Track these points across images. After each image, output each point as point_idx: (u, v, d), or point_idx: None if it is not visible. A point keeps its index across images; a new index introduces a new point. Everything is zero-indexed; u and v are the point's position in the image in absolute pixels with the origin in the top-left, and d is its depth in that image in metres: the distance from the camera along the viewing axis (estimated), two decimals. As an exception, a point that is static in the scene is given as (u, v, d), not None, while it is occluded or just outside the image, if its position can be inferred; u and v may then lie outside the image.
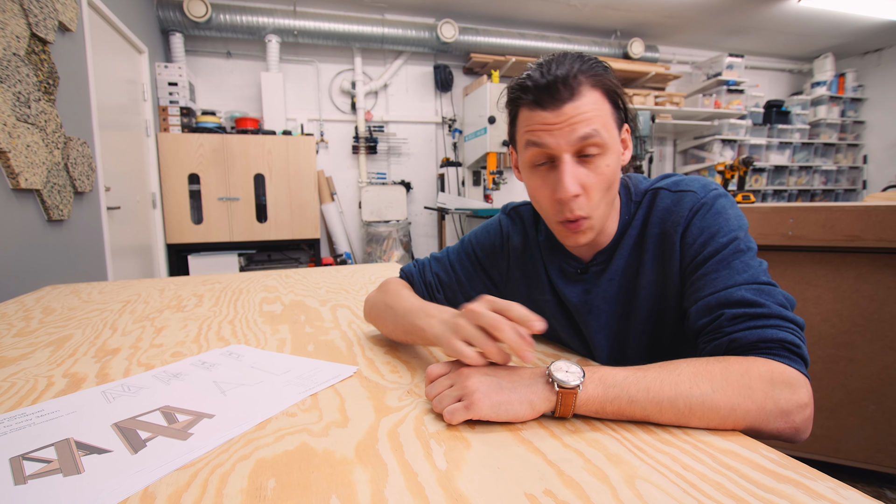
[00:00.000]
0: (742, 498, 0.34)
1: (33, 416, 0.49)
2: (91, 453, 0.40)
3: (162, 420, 0.46)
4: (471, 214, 3.75)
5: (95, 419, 0.48)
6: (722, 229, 0.57)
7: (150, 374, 0.63)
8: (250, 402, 0.50)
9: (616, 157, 0.60)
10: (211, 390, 0.54)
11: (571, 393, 0.45)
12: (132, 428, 0.44)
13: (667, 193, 0.63)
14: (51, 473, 0.37)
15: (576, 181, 0.58)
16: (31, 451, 0.41)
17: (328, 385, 0.57)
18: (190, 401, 0.51)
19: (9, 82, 1.55)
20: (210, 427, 0.44)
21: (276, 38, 3.77)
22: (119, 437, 0.42)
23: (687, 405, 0.44)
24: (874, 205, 1.29)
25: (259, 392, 0.54)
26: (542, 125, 0.58)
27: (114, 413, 0.49)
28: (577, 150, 0.58)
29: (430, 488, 0.36)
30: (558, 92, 0.56)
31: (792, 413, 0.45)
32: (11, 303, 1.21)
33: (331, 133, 4.21)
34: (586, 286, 0.69)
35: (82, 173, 2.04)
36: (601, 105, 0.58)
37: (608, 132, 0.58)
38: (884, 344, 1.35)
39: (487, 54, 4.22)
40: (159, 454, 0.39)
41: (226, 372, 0.61)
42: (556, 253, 0.73)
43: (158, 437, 0.42)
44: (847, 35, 5.00)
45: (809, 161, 5.52)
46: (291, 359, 0.67)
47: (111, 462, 0.38)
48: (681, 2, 4.08)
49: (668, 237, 0.61)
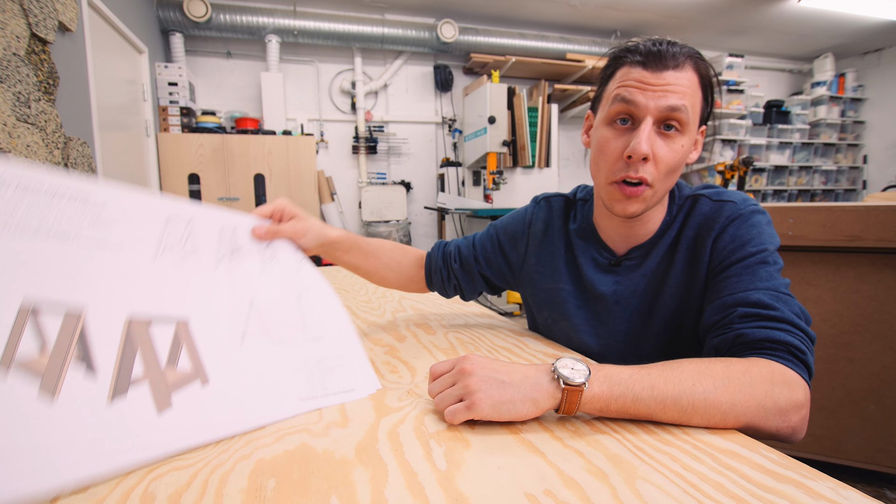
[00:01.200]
0: (742, 498, 0.34)
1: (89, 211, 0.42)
2: (80, 363, 0.36)
3: (166, 348, 0.42)
4: (471, 214, 3.75)
5: (124, 284, 0.42)
6: (754, 240, 0.59)
7: (220, 224, 0.54)
8: (249, 381, 0.45)
9: (689, 143, 0.61)
10: (238, 316, 0.48)
11: (577, 390, 0.45)
12: (135, 346, 0.40)
13: (707, 201, 0.65)
14: (31, 375, 0.33)
15: (650, 145, 0.58)
16: (45, 303, 0.36)
17: (335, 402, 0.51)
18: (212, 321, 0.46)
19: (9, 82, 1.55)
20: (192, 403, 0.40)
21: (276, 38, 3.77)
22: (117, 353, 0.38)
23: (690, 402, 0.45)
24: (874, 205, 1.29)
25: (269, 363, 0.48)
26: (638, 82, 0.58)
27: (144, 285, 0.43)
28: (660, 118, 0.58)
29: (430, 488, 0.36)
30: (664, 58, 0.57)
31: (789, 412, 0.46)
32: (11, 303, 1.21)
33: (331, 133, 4.21)
34: (617, 278, 0.70)
35: (82, 173, 2.04)
36: (696, 88, 0.59)
37: (693, 115, 0.59)
38: (884, 344, 1.35)
39: (487, 54, 4.22)
40: (126, 419, 0.36)
41: (272, 285, 0.55)
42: (590, 242, 0.73)
43: (143, 387, 0.38)
44: (847, 35, 5.00)
45: (809, 161, 5.52)
46: (334, 317, 0.59)
47: (84, 400, 0.35)
48: (681, 2, 4.08)
49: (700, 240, 0.63)
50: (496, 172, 3.79)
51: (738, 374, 0.46)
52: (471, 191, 4.23)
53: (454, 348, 0.73)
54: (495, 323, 0.90)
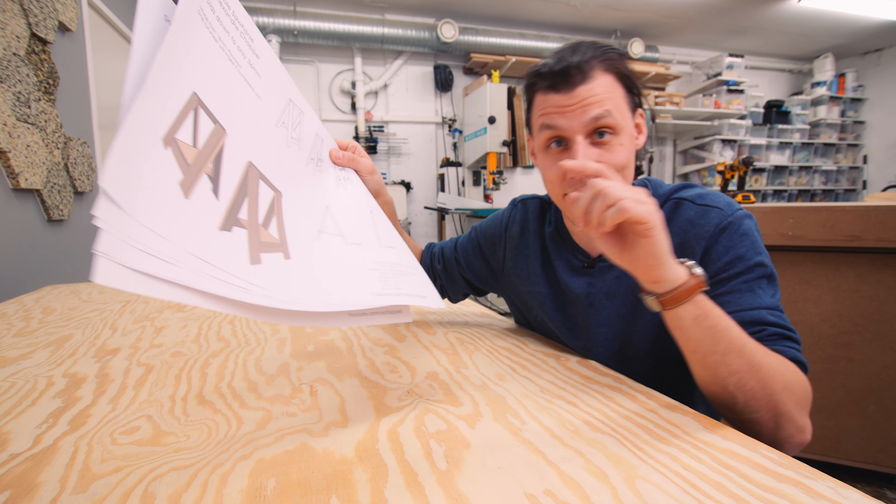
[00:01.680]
0: (742, 498, 0.34)
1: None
2: (209, 182, 0.35)
3: (264, 210, 0.41)
4: (471, 214, 3.75)
5: (255, 133, 0.42)
6: (749, 252, 0.59)
7: (317, 129, 0.57)
8: (326, 268, 0.44)
9: (629, 139, 0.62)
10: (315, 214, 0.48)
11: (699, 286, 0.47)
12: (246, 189, 0.39)
13: (690, 205, 0.64)
14: (177, 166, 0.32)
15: (588, 159, 0.58)
16: (205, 101, 0.36)
17: (408, 301, 0.49)
18: (296, 213, 0.45)
19: (9, 82, 1.55)
20: (276, 269, 0.39)
21: (276, 38, 3.77)
22: (233, 191, 0.37)
23: (759, 363, 0.47)
24: (874, 205, 1.29)
25: (344, 258, 0.47)
26: (555, 108, 0.60)
27: (262, 134, 0.44)
28: (589, 132, 0.59)
29: (430, 488, 0.36)
30: (571, 76, 0.58)
31: (804, 431, 0.50)
32: (11, 303, 1.21)
33: (331, 133, 4.20)
34: (591, 279, 0.70)
35: (82, 173, 2.04)
36: (613, 88, 0.60)
37: (620, 114, 0.60)
38: (884, 344, 1.35)
39: (487, 54, 4.22)
40: (226, 254, 0.33)
41: (347, 200, 0.56)
42: (564, 245, 0.74)
43: (243, 232, 0.37)
44: (847, 35, 5.00)
45: (809, 161, 5.52)
46: (396, 235, 0.60)
47: (204, 214, 0.33)
48: (681, 2, 4.08)
49: (688, 249, 0.62)
50: (496, 172, 3.79)
51: (792, 371, 0.51)
52: (471, 191, 4.24)
53: (454, 348, 0.73)
54: (495, 323, 0.90)
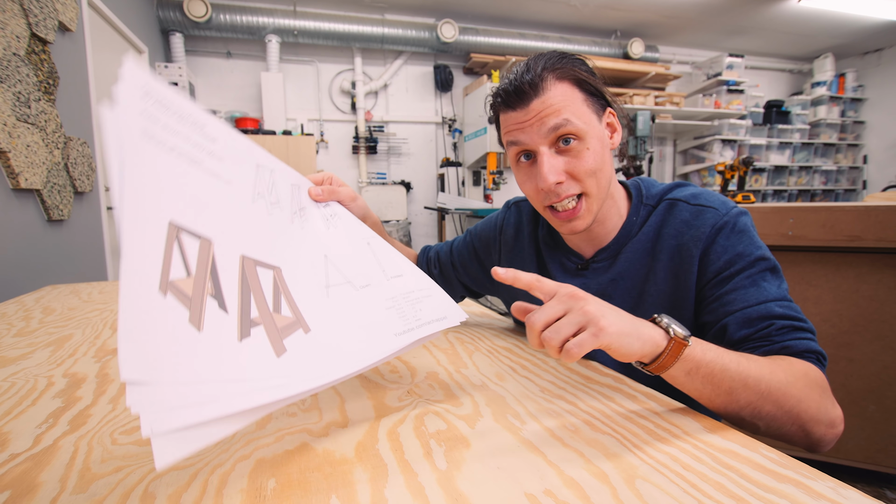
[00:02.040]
0: (742, 498, 0.34)
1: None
2: (213, 300, 0.34)
3: (270, 293, 0.39)
4: (471, 214, 3.75)
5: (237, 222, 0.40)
6: (748, 248, 0.59)
7: (293, 179, 0.53)
8: (345, 327, 0.43)
9: (598, 141, 0.61)
10: (318, 269, 0.47)
11: (682, 344, 0.45)
12: (249, 286, 0.37)
13: (685, 206, 0.64)
14: (182, 304, 0.31)
15: (555, 170, 0.60)
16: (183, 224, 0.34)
17: (431, 331, 0.48)
18: (299, 277, 0.44)
19: (9, 82, 1.55)
20: (303, 347, 0.38)
21: (276, 38, 3.77)
22: (238, 295, 0.36)
23: (767, 387, 0.46)
24: (874, 205, 1.29)
25: (359, 308, 0.46)
26: (515, 124, 0.62)
27: (248, 224, 0.41)
28: (552, 142, 0.60)
29: (430, 488, 0.36)
30: (524, 92, 0.60)
31: (835, 424, 0.49)
32: (11, 303, 1.21)
33: (331, 133, 4.21)
34: (584, 281, 0.70)
35: (82, 173, 2.04)
36: (570, 94, 0.60)
37: (582, 119, 0.60)
38: (884, 344, 1.35)
39: (487, 54, 4.22)
40: (252, 360, 0.33)
41: (340, 240, 0.54)
42: (557, 248, 0.74)
43: (260, 330, 0.36)
44: (847, 35, 5.00)
45: (809, 161, 5.52)
46: (407, 261, 0.58)
47: (222, 337, 0.33)
48: (681, 2, 4.08)
49: (685, 250, 0.62)
50: (496, 172, 3.80)
51: (802, 374, 0.49)
52: (471, 191, 4.24)
53: (454, 348, 0.73)
54: (495, 323, 0.90)
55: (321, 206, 0.60)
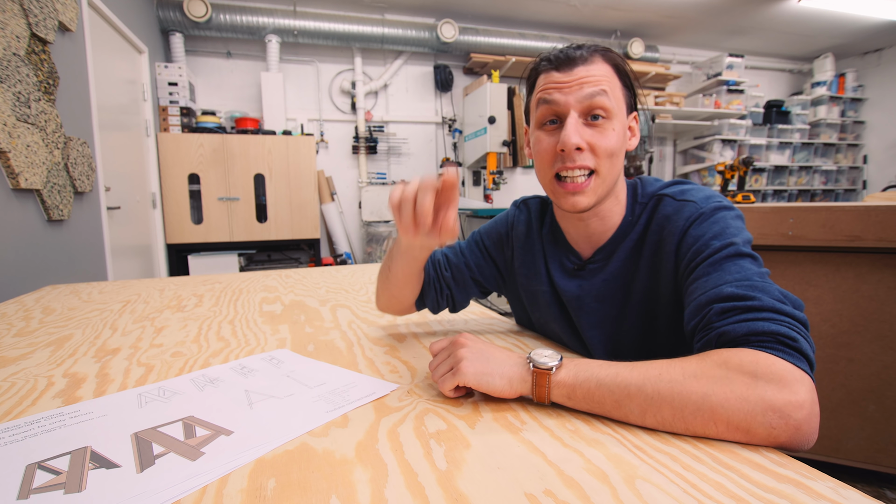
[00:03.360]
0: (742, 498, 0.34)
1: (67, 417, 0.50)
2: (100, 467, 0.40)
3: (180, 433, 0.46)
4: (471, 214, 3.75)
5: (121, 425, 0.48)
6: (718, 236, 0.56)
7: (190, 377, 0.63)
8: (273, 419, 0.49)
9: (623, 128, 0.63)
10: (240, 400, 0.54)
11: (545, 374, 0.48)
12: (149, 440, 0.45)
13: (670, 201, 0.64)
14: (54, 489, 0.37)
15: (579, 136, 0.60)
16: (49, 458, 0.42)
17: (360, 404, 0.52)
18: (215, 412, 0.51)
19: (9, 82, 1.55)
20: (223, 446, 0.43)
21: (276, 38, 3.77)
22: (133, 450, 0.43)
23: (655, 390, 0.42)
24: (874, 205, 1.29)
25: (286, 407, 0.52)
26: (554, 84, 0.62)
27: (140, 420, 0.49)
28: (583, 111, 0.61)
29: (430, 488, 0.36)
30: (573, 58, 0.62)
31: (785, 408, 0.40)
32: (11, 303, 1.21)
33: (331, 133, 4.21)
34: (581, 282, 0.71)
35: (82, 173, 2.04)
36: (611, 76, 0.62)
37: (615, 100, 0.61)
38: (884, 344, 1.35)
39: (487, 54, 4.22)
40: (164, 475, 0.38)
41: (260, 380, 0.61)
42: (558, 246, 0.74)
43: (170, 454, 0.42)
44: (847, 35, 5.00)
45: (809, 161, 5.52)
46: (330, 370, 0.64)
47: (115, 480, 0.38)
48: (681, 2, 4.08)
49: (664, 245, 0.62)
50: (496, 172, 3.79)
51: (713, 365, 0.43)
52: (471, 191, 4.24)
53: (454, 348, 0.73)
54: (495, 323, 0.90)
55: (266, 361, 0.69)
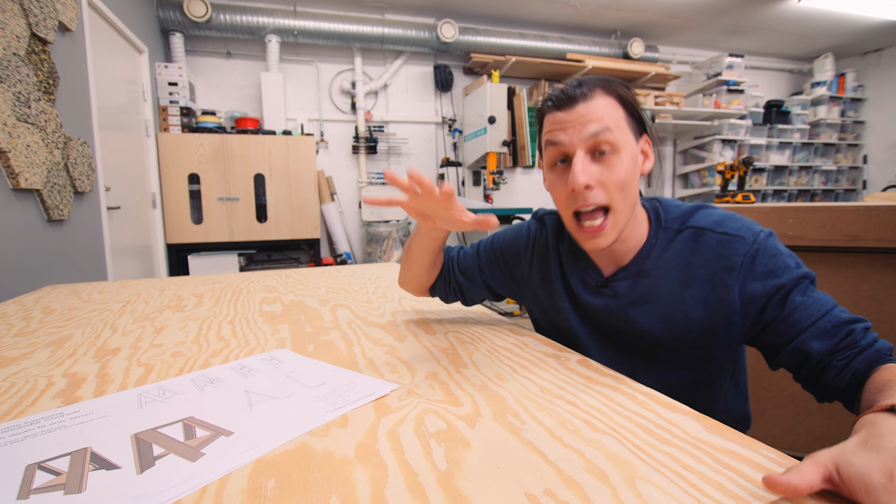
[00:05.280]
0: (742, 498, 0.34)
1: (67, 417, 0.50)
2: (100, 468, 0.40)
3: (180, 434, 0.46)
4: (471, 214, 3.74)
5: (121, 426, 0.48)
6: (788, 264, 0.61)
7: (189, 377, 0.63)
8: (273, 419, 0.49)
9: (632, 158, 0.64)
10: (240, 401, 0.54)
11: None
12: (149, 441, 0.45)
13: (711, 235, 0.66)
14: (54, 489, 0.37)
15: (587, 174, 0.62)
16: (49, 458, 0.42)
17: (360, 404, 0.53)
18: (215, 412, 0.51)
19: (9, 82, 1.55)
20: (223, 447, 0.43)
21: (276, 38, 3.77)
22: (133, 451, 0.43)
23: None
24: (874, 205, 1.29)
25: (286, 407, 0.52)
26: (557, 124, 0.64)
27: (140, 421, 0.49)
28: (589, 148, 0.62)
29: (430, 488, 0.36)
30: (572, 96, 0.63)
31: None
32: (11, 303, 1.21)
33: (331, 133, 4.21)
34: (606, 301, 0.71)
35: (82, 173, 2.04)
36: (613, 109, 0.63)
37: (620, 133, 0.62)
38: (884, 344, 1.35)
39: (487, 54, 4.22)
40: (164, 476, 0.38)
41: (260, 380, 0.61)
42: (578, 261, 0.75)
43: (170, 455, 0.42)
44: (847, 35, 5.00)
45: (809, 161, 5.52)
46: (330, 370, 0.64)
47: (115, 481, 0.38)
48: (681, 2, 4.08)
49: (717, 280, 0.64)
50: (496, 172, 3.79)
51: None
52: (471, 191, 4.23)
53: (454, 348, 0.73)
54: (495, 323, 0.90)
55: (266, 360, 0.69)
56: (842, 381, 0.57)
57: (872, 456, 0.32)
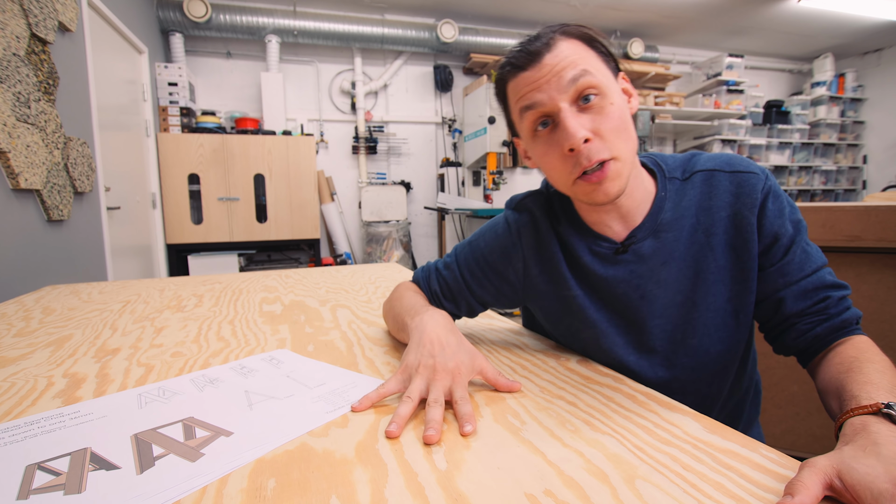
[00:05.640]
0: (742, 498, 0.34)
1: (67, 418, 0.50)
2: (100, 468, 0.40)
3: (180, 434, 0.46)
4: (471, 214, 3.75)
5: (121, 426, 0.48)
6: (793, 211, 0.61)
7: (189, 377, 0.63)
8: (273, 420, 0.49)
9: (618, 96, 0.57)
10: (239, 401, 0.54)
11: None
12: (149, 441, 0.45)
13: (723, 175, 0.62)
14: (54, 489, 0.37)
15: (581, 126, 0.54)
16: (49, 459, 0.42)
17: None
18: (215, 413, 0.51)
19: (9, 82, 1.55)
20: (223, 447, 0.43)
21: (276, 38, 3.77)
22: (133, 452, 0.43)
23: None
24: (874, 205, 1.29)
25: (286, 408, 0.52)
26: (528, 85, 0.56)
27: (140, 421, 0.49)
28: (572, 98, 0.55)
29: (430, 488, 0.36)
30: (534, 50, 0.56)
31: None
32: (11, 303, 1.21)
33: (331, 133, 4.21)
34: (630, 267, 0.63)
35: (82, 173, 2.04)
36: (582, 50, 0.56)
37: (600, 73, 0.56)
38: (884, 344, 1.35)
39: (487, 54, 4.22)
40: (164, 476, 0.38)
41: (260, 381, 0.60)
42: (583, 236, 0.65)
43: (170, 456, 0.42)
44: (847, 35, 5.00)
45: (809, 161, 5.52)
46: (330, 370, 0.64)
47: (115, 481, 0.38)
48: (681, 2, 4.08)
49: (742, 220, 0.60)
50: (496, 172, 3.79)
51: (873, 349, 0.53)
52: (471, 191, 4.24)
53: (454, 348, 0.72)
54: (495, 323, 0.90)
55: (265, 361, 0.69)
56: (801, 343, 0.59)
57: (874, 462, 0.33)
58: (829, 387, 0.52)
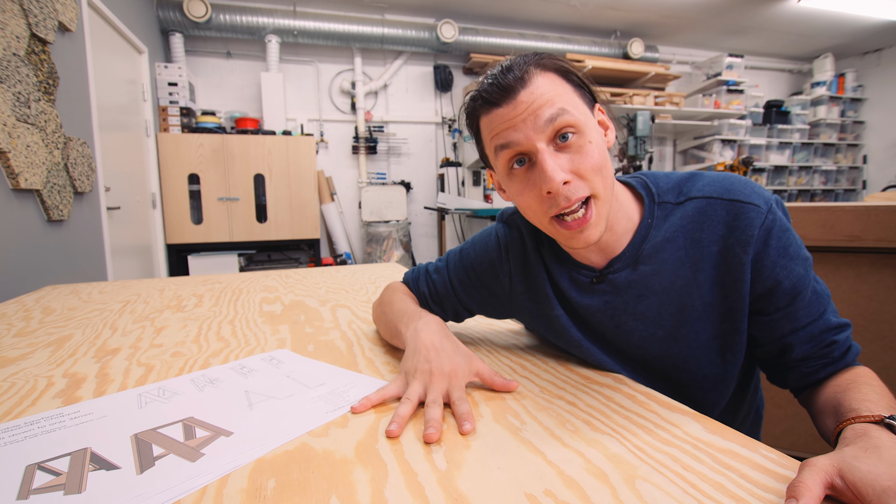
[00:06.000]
0: (742, 498, 0.34)
1: (67, 418, 0.50)
2: (100, 468, 0.40)
3: (180, 434, 0.46)
4: (471, 214, 3.75)
5: (121, 426, 0.48)
6: (799, 251, 0.56)
7: (189, 377, 0.63)
8: (273, 420, 0.49)
9: (596, 133, 0.54)
10: (239, 401, 0.54)
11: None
12: (149, 441, 0.45)
13: (718, 203, 0.56)
14: (54, 489, 0.37)
15: (560, 168, 0.51)
16: (49, 459, 0.42)
17: None
18: (215, 413, 0.51)
19: (9, 82, 1.55)
20: (223, 447, 0.43)
21: (276, 38, 3.77)
22: (133, 452, 0.43)
23: None
24: (874, 205, 1.29)
25: (286, 408, 0.52)
26: (502, 123, 0.53)
27: (140, 421, 0.49)
28: (550, 137, 0.52)
29: (430, 488, 0.36)
30: (508, 85, 0.52)
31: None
32: (11, 303, 1.21)
33: (331, 133, 4.21)
34: (606, 298, 0.61)
35: (82, 173, 2.04)
36: (558, 84, 0.53)
37: (577, 109, 0.53)
38: (884, 344, 1.35)
39: (487, 54, 4.22)
40: (164, 476, 0.38)
41: (260, 381, 0.61)
42: (563, 263, 0.64)
43: (170, 456, 0.42)
44: (847, 35, 5.00)
45: (809, 161, 5.52)
46: (330, 370, 0.64)
47: (115, 481, 0.38)
48: (681, 2, 4.08)
49: (732, 257, 0.55)
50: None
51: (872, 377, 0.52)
52: (471, 191, 4.24)
53: (454, 348, 0.73)
54: (495, 323, 0.90)
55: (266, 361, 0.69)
56: (801, 383, 0.57)
57: (876, 462, 0.33)
58: (825, 406, 0.51)
